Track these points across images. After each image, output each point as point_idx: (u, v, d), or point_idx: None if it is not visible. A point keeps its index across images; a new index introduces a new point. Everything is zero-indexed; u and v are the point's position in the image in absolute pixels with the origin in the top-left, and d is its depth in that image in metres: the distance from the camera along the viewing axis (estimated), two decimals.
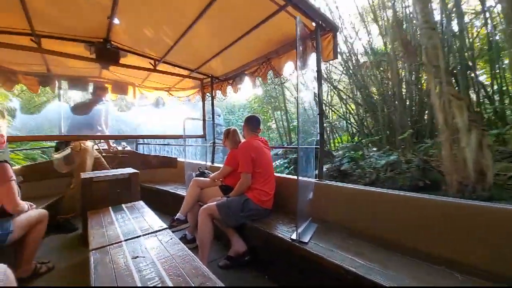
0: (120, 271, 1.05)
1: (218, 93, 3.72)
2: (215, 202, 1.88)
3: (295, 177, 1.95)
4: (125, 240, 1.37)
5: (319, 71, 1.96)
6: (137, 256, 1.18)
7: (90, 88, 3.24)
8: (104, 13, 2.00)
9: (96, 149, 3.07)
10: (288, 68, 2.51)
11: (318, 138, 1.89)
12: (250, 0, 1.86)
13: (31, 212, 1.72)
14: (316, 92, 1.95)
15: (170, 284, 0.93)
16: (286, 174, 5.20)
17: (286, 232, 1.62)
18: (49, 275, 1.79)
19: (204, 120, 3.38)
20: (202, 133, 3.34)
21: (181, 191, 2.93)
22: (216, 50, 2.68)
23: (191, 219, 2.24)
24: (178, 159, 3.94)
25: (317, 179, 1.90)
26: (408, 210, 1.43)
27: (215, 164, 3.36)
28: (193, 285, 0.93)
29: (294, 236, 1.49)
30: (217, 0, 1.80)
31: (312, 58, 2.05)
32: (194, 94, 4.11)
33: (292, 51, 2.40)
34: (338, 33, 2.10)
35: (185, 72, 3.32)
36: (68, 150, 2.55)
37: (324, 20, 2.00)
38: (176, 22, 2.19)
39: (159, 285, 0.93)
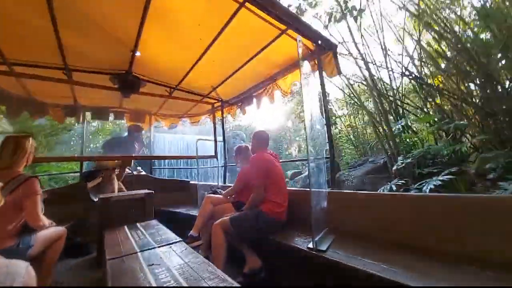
0: (136, 276, 1.05)
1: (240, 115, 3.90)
2: (228, 216, 1.87)
3: (307, 189, 1.94)
4: (141, 251, 1.37)
5: (322, 85, 2.07)
6: (153, 264, 1.18)
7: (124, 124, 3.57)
8: (128, 47, 2.27)
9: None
10: (294, 87, 2.65)
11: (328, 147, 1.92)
12: (254, 27, 2.07)
13: (51, 228, 1.77)
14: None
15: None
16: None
17: (302, 243, 1.57)
18: None
19: (215, 141, 3.50)
20: (214, 154, 3.43)
21: (194, 212, 2.92)
22: (225, 75, 2.90)
23: (204, 238, 2.21)
24: (191, 182, 4.00)
25: (330, 188, 1.88)
26: (431, 210, 1.38)
27: (227, 184, 3.38)
28: (207, 285, 0.92)
29: (311, 245, 1.44)
30: (226, 28, 2.02)
31: (317, 74, 2.18)
32: (205, 119, 4.32)
33: (296, 70, 2.56)
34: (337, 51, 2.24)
35: (198, 98, 3.55)
36: (100, 179, 2.71)
37: (323, 40, 2.17)
38: (190, 51, 2.44)
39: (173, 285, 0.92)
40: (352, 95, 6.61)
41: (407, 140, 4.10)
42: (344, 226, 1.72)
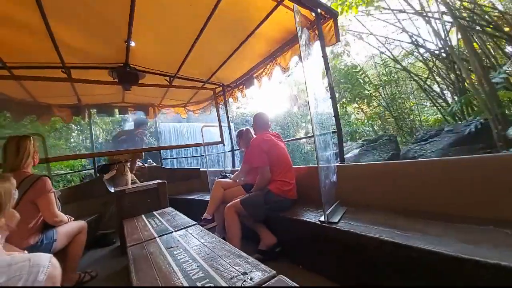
0: (156, 258, 1.10)
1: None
2: (239, 199, 1.91)
3: (314, 165, 1.93)
4: (159, 236, 1.43)
5: (324, 56, 1.97)
6: (171, 247, 1.23)
7: (131, 119, 3.63)
8: (121, 37, 2.22)
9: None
10: (294, 61, 2.55)
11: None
12: (248, 1, 1.96)
13: (71, 223, 1.86)
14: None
15: (205, 265, 0.96)
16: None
17: (314, 217, 1.59)
18: (92, 283, 1.90)
19: (220, 127, 3.49)
20: (220, 140, 3.44)
21: (206, 197, 2.99)
22: (223, 57, 2.82)
23: (218, 220, 2.28)
24: (201, 169, 4.07)
25: (339, 162, 1.86)
26: (442, 175, 1.35)
27: (236, 168, 3.41)
28: (224, 262, 0.95)
29: (322, 218, 1.46)
30: (218, 6, 1.92)
31: (316, 45, 2.08)
32: (208, 105, 4.29)
33: (296, 45, 2.45)
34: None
35: (198, 84, 3.50)
36: (114, 172, 2.80)
37: (322, 8, 2.04)
38: (183, 36, 2.36)
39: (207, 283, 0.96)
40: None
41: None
42: (355, 198, 1.72)
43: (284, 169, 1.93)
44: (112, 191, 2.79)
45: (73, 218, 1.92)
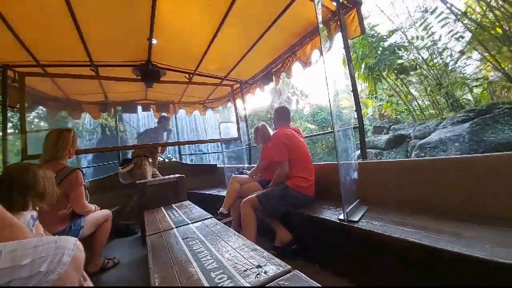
0: (173, 247, 1.12)
1: None
2: (255, 194, 1.89)
3: (334, 162, 1.86)
4: (176, 227, 1.46)
5: (346, 48, 1.88)
6: (187, 237, 1.25)
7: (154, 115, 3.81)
8: (144, 36, 2.30)
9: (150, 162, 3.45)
10: (315, 55, 2.47)
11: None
12: None
13: (98, 212, 1.96)
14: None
15: (219, 256, 0.95)
16: None
17: (332, 215, 1.53)
18: (115, 269, 1.99)
19: (238, 123, 3.50)
20: (237, 136, 3.45)
21: (223, 193, 3.02)
22: (242, 53, 2.81)
23: (234, 215, 2.28)
24: (218, 165, 4.12)
25: (361, 159, 1.77)
26: (478, 173, 1.22)
27: (252, 164, 3.41)
28: (239, 254, 0.94)
29: (341, 217, 1.39)
30: (236, 1, 1.90)
31: (338, 37, 1.99)
32: (226, 102, 4.33)
33: (317, 37, 2.37)
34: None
35: (216, 81, 3.53)
36: (132, 165, 2.94)
37: None
38: (202, 32, 2.38)
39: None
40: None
41: None
42: (377, 197, 1.62)
43: (303, 165, 1.87)
44: (125, 182, 2.93)
45: (99, 208, 2.04)
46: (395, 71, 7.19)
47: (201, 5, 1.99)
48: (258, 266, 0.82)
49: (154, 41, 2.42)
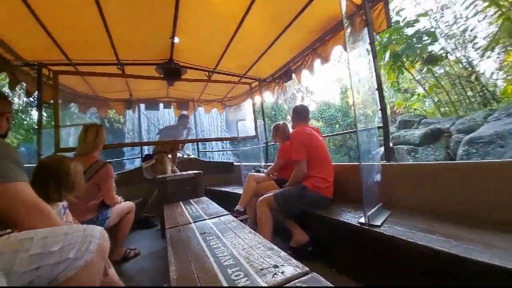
0: (191, 242, 1.14)
1: None
2: (272, 193, 1.87)
3: (355, 163, 1.79)
4: (194, 222, 1.49)
5: (372, 43, 1.79)
6: (204, 232, 1.27)
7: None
8: (167, 35, 2.36)
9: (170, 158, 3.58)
10: (337, 52, 2.38)
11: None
12: None
13: (123, 204, 2.07)
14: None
15: (235, 253, 0.95)
16: None
17: (352, 218, 1.47)
18: (135, 259, 2.09)
19: (255, 121, 3.50)
20: (254, 134, 3.45)
21: (239, 190, 3.04)
22: (261, 50, 2.79)
23: (250, 213, 2.29)
24: (234, 163, 4.16)
25: (385, 161, 1.68)
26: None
27: (269, 163, 3.39)
28: (255, 253, 0.93)
29: (362, 220, 1.33)
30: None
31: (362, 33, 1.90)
32: (244, 100, 4.34)
33: (339, 33, 2.28)
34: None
35: (235, 79, 3.55)
36: (153, 161, 3.06)
37: None
38: (222, 30, 2.40)
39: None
40: None
41: None
42: (402, 201, 1.54)
43: (322, 165, 1.82)
44: (148, 177, 3.05)
45: (123, 199, 2.14)
46: (422, 61, 6.61)
47: (223, 3, 2.00)
48: (275, 266, 0.81)
49: (176, 40, 2.48)
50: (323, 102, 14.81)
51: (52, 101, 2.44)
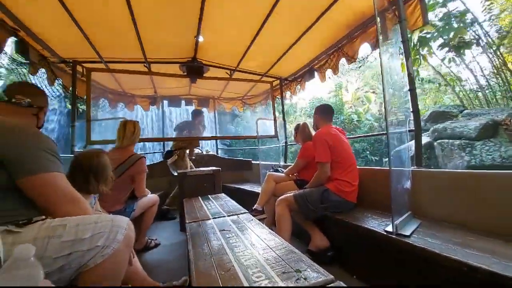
0: (210, 238, 1.15)
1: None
2: (292, 193, 1.83)
3: (383, 168, 1.69)
4: (213, 218, 1.50)
5: (405, 41, 1.68)
6: (224, 229, 1.27)
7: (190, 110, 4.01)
8: (192, 34, 2.41)
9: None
10: (364, 50, 2.28)
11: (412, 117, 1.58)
12: None
13: (148, 196, 2.15)
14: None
15: (255, 253, 0.94)
16: None
17: (378, 225, 1.39)
18: (156, 249, 2.16)
19: (275, 121, 3.46)
20: (274, 134, 3.42)
21: (257, 189, 3.03)
22: (284, 49, 2.75)
23: (268, 213, 2.27)
24: (253, 161, 4.16)
25: (415, 167, 1.57)
26: None
27: (288, 163, 3.34)
28: (275, 254, 0.91)
29: (389, 229, 1.25)
30: None
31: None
32: (265, 99, 4.32)
33: (367, 31, 2.17)
34: None
35: (256, 78, 3.54)
36: (175, 157, 3.16)
37: None
38: (246, 28, 2.39)
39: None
40: None
41: None
42: (434, 211, 1.42)
43: (347, 168, 1.74)
44: (175, 174, 3.14)
45: (149, 192, 2.21)
46: (449, 47, 5.89)
47: (247, 1, 1.99)
48: (298, 271, 0.78)
49: (200, 39, 2.52)
50: (315, 98, 14.26)
51: (85, 96, 2.59)
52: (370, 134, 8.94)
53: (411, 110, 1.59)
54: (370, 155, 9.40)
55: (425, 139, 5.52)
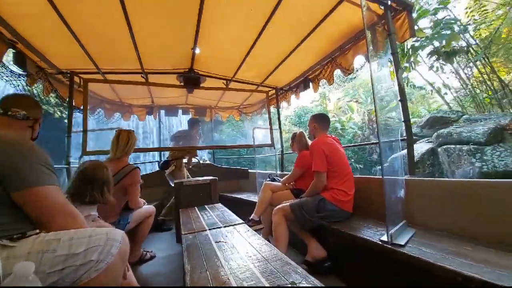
0: (206, 249, 1.14)
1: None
2: (288, 203, 1.84)
3: (377, 176, 1.72)
4: (209, 229, 1.50)
5: (394, 53, 1.74)
6: (219, 241, 1.26)
7: (186, 120, 4.01)
8: (189, 45, 2.46)
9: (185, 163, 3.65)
10: (358, 61, 2.35)
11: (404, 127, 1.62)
12: None
13: (144, 208, 2.11)
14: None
15: (251, 265, 0.94)
16: None
17: (373, 235, 1.39)
18: (151, 261, 2.12)
19: (271, 130, 3.50)
20: (270, 142, 3.44)
21: (254, 198, 3.03)
22: (279, 59, 2.82)
23: (265, 223, 2.25)
24: (250, 170, 4.16)
25: (408, 175, 1.60)
26: None
27: (285, 172, 3.35)
28: (271, 266, 0.91)
29: (384, 238, 1.26)
30: (279, 6, 1.91)
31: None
32: (260, 108, 4.37)
33: (359, 43, 2.25)
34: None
35: (252, 87, 3.60)
36: (173, 167, 3.14)
37: (394, 0, 1.82)
38: (242, 40, 2.45)
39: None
40: None
41: None
42: (427, 220, 1.44)
43: (343, 178, 1.76)
44: (172, 184, 3.12)
45: (146, 203, 2.17)
46: (438, 55, 6.07)
47: (243, 15, 2.05)
48: (293, 283, 0.78)
49: (197, 50, 2.57)
50: (299, 107, 14.41)
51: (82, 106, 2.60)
52: (364, 143, 9.02)
53: (403, 119, 1.63)
54: (354, 163, 9.41)
55: (427, 145, 5.39)
